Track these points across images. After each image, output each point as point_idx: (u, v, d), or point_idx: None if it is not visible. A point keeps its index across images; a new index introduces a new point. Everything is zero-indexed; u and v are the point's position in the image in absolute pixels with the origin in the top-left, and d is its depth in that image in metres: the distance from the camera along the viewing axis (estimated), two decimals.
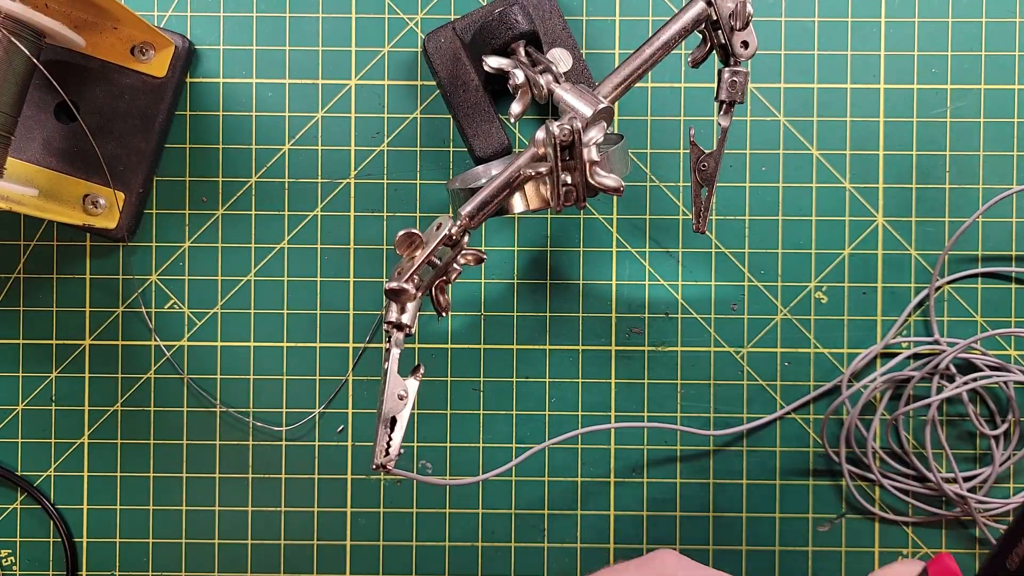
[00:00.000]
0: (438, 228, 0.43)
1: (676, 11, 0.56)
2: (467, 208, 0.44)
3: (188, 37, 0.55)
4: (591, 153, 0.44)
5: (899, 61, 0.56)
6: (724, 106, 0.47)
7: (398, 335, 0.43)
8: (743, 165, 0.56)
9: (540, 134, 0.44)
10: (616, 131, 0.55)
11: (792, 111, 0.56)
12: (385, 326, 0.43)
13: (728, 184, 0.56)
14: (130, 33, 0.53)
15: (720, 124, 0.47)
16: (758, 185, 0.56)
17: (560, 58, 0.53)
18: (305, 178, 0.56)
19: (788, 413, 0.56)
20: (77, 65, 0.53)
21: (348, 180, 0.56)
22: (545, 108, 0.56)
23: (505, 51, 0.51)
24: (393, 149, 0.56)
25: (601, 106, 0.45)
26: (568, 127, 0.44)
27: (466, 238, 0.43)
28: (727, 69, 0.47)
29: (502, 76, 0.50)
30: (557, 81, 0.48)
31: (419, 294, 0.43)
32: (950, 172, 0.56)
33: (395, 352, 0.43)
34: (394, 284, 0.42)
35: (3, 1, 0.46)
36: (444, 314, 0.44)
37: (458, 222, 0.43)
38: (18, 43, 0.48)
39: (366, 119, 0.56)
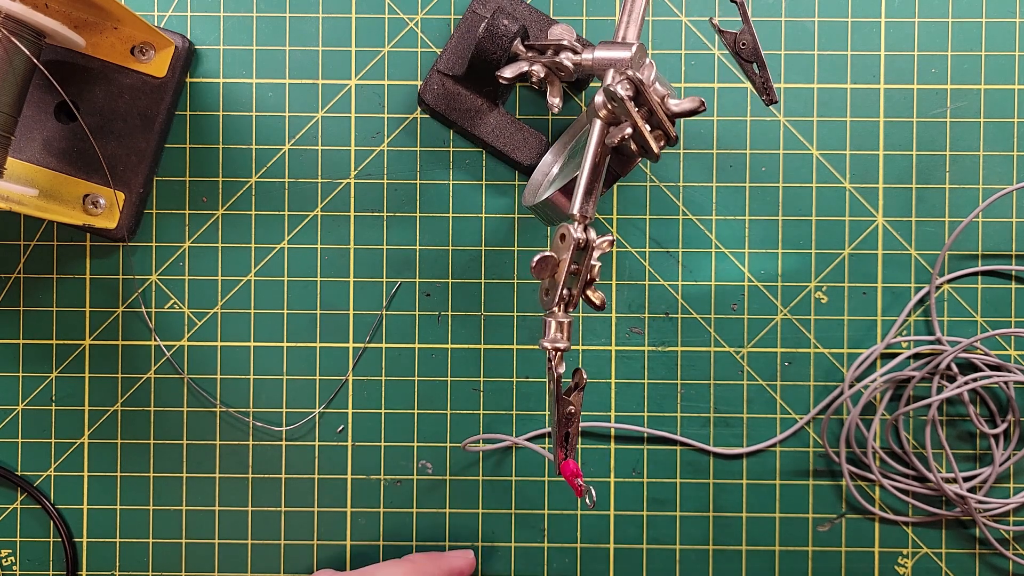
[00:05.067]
0: (563, 239, 0.43)
1: (675, 11, 0.56)
2: (576, 207, 0.43)
3: (188, 37, 0.55)
4: (658, 89, 0.44)
5: (899, 61, 0.56)
6: None
7: (559, 357, 0.43)
8: (743, 165, 0.56)
9: (600, 99, 0.44)
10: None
11: (792, 111, 0.56)
12: (550, 351, 0.43)
13: (728, 184, 0.56)
14: (130, 33, 0.53)
15: (736, 1, 0.46)
16: (758, 185, 0.56)
17: (565, 32, 0.52)
18: (305, 178, 0.56)
19: (800, 428, 0.56)
20: (77, 65, 0.53)
21: (348, 180, 0.56)
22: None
23: (508, 58, 0.51)
24: (393, 149, 0.56)
25: (635, 45, 0.45)
26: (626, 79, 0.43)
27: (592, 233, 0.43)
28: None
29: (515, 82, 0.50)
30: (577, 52, 0.48)
31: (571, 310, 0.44)
32: (950, 172, 0.56)
33: (560, 371, 0.43)
34: (556, 310, 0.43)
35: (3, 1, 0.46)
36: (602, 309, 0.45)
37: (576, 224, 0.43)
38: (18, 43, 0.48)
39: (366, 119, 0.56)
